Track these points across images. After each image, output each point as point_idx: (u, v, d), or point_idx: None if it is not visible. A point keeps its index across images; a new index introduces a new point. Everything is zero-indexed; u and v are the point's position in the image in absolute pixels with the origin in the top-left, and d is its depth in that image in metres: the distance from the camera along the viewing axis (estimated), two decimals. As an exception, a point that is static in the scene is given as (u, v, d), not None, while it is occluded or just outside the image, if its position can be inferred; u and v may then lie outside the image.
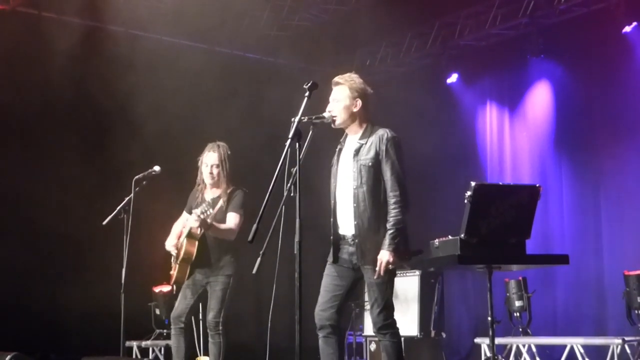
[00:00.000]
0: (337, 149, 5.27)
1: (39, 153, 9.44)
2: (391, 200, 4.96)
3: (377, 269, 4.89)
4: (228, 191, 6.57)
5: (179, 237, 6.72)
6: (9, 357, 5.98)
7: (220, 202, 6.48)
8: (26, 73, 9.16)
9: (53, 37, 9.08)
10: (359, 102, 5.14)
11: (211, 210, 6.26)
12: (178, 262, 6.54)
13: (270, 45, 11.08)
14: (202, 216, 6.22)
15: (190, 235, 6.49)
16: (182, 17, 9.54)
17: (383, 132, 5.08)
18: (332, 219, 5.16)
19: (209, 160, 6.59)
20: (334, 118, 5.10)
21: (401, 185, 4.98)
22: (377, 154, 5.02)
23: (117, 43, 9.44)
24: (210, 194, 6.66)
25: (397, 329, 5.04)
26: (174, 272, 6.63)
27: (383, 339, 5.02)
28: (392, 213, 4.94)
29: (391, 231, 4.91)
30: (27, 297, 8.87)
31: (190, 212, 6.75)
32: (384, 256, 4.88)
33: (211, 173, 6.57)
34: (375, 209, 4.97)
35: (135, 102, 9.25)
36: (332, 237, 5.15)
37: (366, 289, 5.11)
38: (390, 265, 4.87)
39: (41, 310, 8.95)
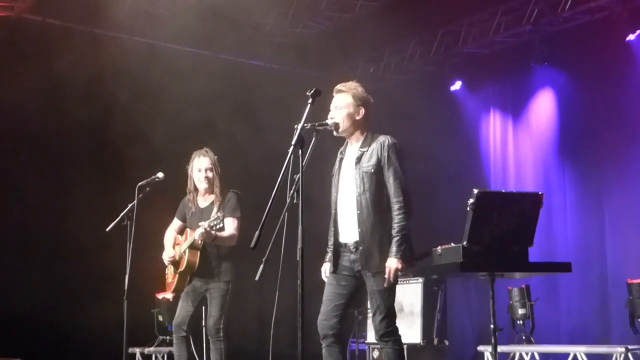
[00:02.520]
0: (338, 159, 5.27)
1: (42, 156, 9.45)
2: (395, 207, 4.97)
3: (386, 276, 4.89)
4: (221, 195, 6.58)
5: (174, 246, 6.72)
6: (12, 363, 5.99)
7: (216, 209, 6.48)
8: (30, 79, 9.17)
9: (57, 43, 9.11)
10: (362, 111, 5.16)
11: (221, 224, 6.26)
12: (178, 272, 6.54)
13: (274, 52, 11.10)
14: (207, 229, 6.22)
15: (192, 247, 6.49)
16: (186, 24, 9.56)
17: (384, 139, 5.09)
18: (332, 228, 5.16)
19: (202, 164, 6.61)
20: (337, 126, 5.10)
21: (404, 191, 4.99)
22: (378, 160, 5.03)
23: (120, 50, 9.47)
24: (203, 200, 6.67)
25: (400, 336, 5.02)
26: (173, 281, 6.63)
27: (385, 347, 5.01)
28: (397, 219, 4.95)
29: (397, 238, 4.92)
30: (30, 304, 8.87)
31: (182, 220, 6.76)
32: (392, 263, 4.88)
33: (206, 177, 6.58)
34: (379, 215, 4.97)
35: (138, 108, 9.28)
36: (332, 246, 5.15)
37: (368, 297, 5.10)
38: (399, 272, 4.88)
39: (44, 316, 8.95)
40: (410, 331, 8.77)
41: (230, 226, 6.49)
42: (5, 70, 9.14)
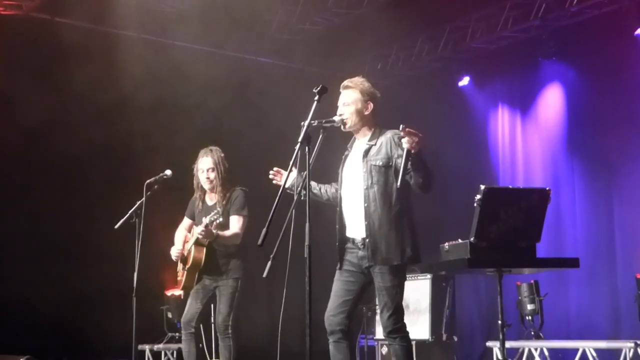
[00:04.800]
0: (344, 156, 5.27)
1: (52, 160, 9.47)
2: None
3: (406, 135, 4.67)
4: (227, 193, 6.59)
5: (184, 244, 6.74)
6: (22, 360, 6.03)
7: (222, 206, 6.49)
8: (38, 77, 9.20)
9: (65, 42, 9.14)
10: (370, 106, 5.16)
11: (220, 218, 6.27)
12: (186, 268, 6.56)
13: (281, 49, 11.10)
14: (209, 227, 6.23)
15: (197, 243, 6.51)
16: (193, 21, 9.58)
17: (392, 134, 5.09)
18: (337, 225, 5.16)
19: (204, 165, 6.61)
20: (345, 121, 5.11)
21: None
22: (387, 153, 5.02)
23: (128, 48, 9.49)
24: (209, 199, 6.68)
25: (407, 332, 5.02)
26: (182, 278, 6.65)
27: (393, 343, 5.01)
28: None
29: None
30: (40, 301, 8.91)
31: (191, 218, 6.78)
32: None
33: (208, 178, 6.59)
34: (386, 209, 4.96)
35: (146, 106, 9.30)
36: (337, 244, 5.14)
37: (376, 293, 5.09)
38: (414, 137, 4.65)
39: (54, 314, 8.99)
40: (419, 327, 8.78)
41: (235, 224, 6.50)
42: (13, 68, 9.16)
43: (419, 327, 8.77)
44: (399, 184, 4.79)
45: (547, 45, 10.03)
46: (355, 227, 5.06)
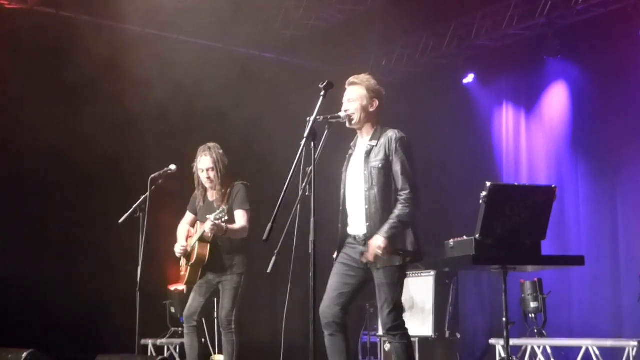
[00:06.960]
0: (348, 155, 5.28)
1: (63, 163, 9.46)
2: (400, 198, 4.96)
3: (366, 251, 4.89)
4: (227, 189, 6.58)
5: (187, 239, 6.74)
6: (25, 354, 6.02)
7: (222, 202, 6.49)
8: (42, 72, 9.19)
9: (70, 36, 9.13)
10: (376, 103, 5.16)
11: (226, 217, 6.27)
12: (190, 264, 6.57)
13: (286, 45, 11.09)
14: (217, 222, 6.24)
15: (202, 239, 6.51)
16: (198, 16, 9.57)
17: (392, 134, 5.09)
18: (340, 225, 5.17)
19: (204, 165, 6.60)
20: (351, 117, 5.10)
21: (411, 184, 4.98)
22: (386, 155, 5.02)
23: (132, 42, 9.47)
24: (210, 195, 6.69)
25: (407, 329, 5.01)
26: (185, 274, 6.66)
27: (393, 341, 5.00)
28: (399, 207, 4.94)
29: (392, 221, 4.91)
30: (43, 295, 8.92)
31: (194, 213, 6.78)
32: (376, 241, 4.86)
33: (209, 177, 6.59)
34: (387, 210, 4.97)
35: (151, 100, 9.29)
36: (339, 239, 5.16)
37: (376, 290, 5.08)
38: (379, 251, 4.83)
39: (57, 308, 8.99)
40: (422, 324, 8.77)
41: (240, 219, 6.51)
42: (17, 63, 9.15)
43: (422, 324, 8.77)
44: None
45: (552, 43, 10.01)
46: (358, 227, 5.08)
